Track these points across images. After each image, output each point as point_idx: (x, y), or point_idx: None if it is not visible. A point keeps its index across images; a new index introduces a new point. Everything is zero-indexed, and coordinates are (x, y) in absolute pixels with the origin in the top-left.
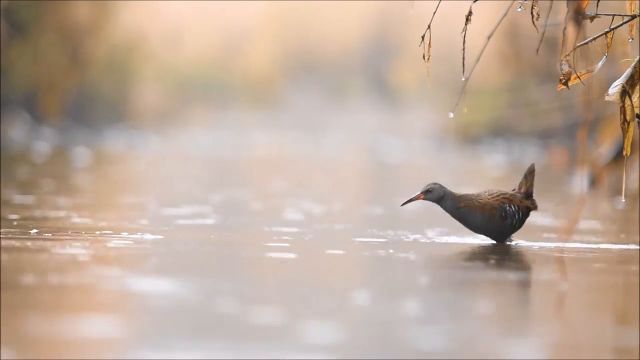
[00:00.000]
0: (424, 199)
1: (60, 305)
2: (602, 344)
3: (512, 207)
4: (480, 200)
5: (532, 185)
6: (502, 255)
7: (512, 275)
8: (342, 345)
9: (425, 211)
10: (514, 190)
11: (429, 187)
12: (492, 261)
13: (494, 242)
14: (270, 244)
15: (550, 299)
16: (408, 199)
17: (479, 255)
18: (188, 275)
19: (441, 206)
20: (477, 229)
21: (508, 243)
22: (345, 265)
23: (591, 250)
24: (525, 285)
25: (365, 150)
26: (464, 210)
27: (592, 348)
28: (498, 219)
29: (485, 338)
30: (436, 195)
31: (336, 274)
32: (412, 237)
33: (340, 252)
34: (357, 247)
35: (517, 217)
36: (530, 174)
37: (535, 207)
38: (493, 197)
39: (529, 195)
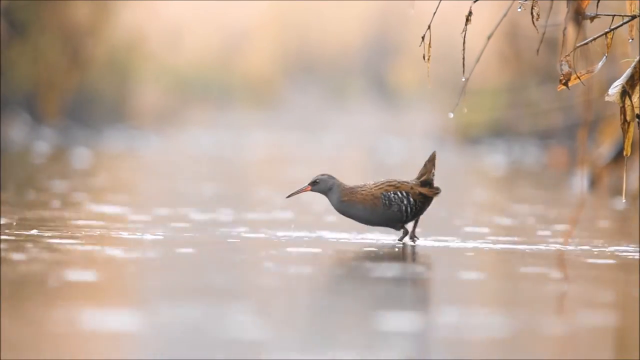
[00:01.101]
0: (311, 190)
1: (59, 307)
2: (602, 343)
3: (399, 194)
4: (363, 192)
5: (431, 172)
6: (526, 258)
7: (514, 278)
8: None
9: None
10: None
11: (317, 178)
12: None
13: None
14: (258, 244)
15: (550, 299)
16: (294, 190)
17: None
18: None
19: (328, 199)
20: (364, 221)
21: (412, 243)
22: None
23: (591, 252)
24: (525, 287)
25: (366, 150)
26: (346, 204)
27: (592, 348)
28: (382, 208)
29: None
30: (324, 186)
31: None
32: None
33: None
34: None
35: (406, 203)
36: (430, 162)
37: (435, 194)
38: (377, 187)
39: (426, 182)
